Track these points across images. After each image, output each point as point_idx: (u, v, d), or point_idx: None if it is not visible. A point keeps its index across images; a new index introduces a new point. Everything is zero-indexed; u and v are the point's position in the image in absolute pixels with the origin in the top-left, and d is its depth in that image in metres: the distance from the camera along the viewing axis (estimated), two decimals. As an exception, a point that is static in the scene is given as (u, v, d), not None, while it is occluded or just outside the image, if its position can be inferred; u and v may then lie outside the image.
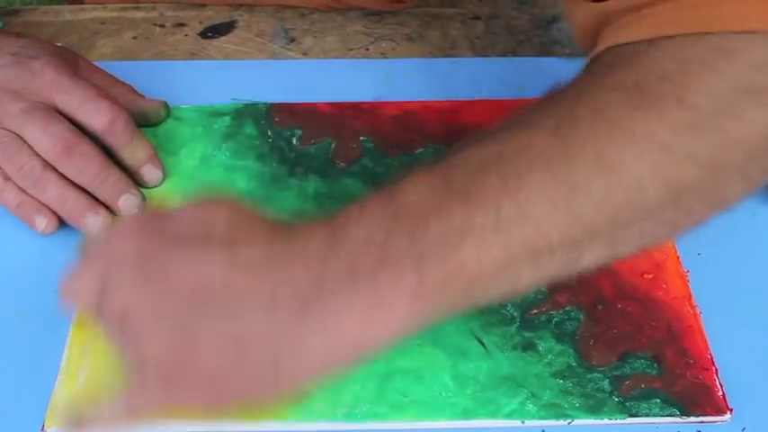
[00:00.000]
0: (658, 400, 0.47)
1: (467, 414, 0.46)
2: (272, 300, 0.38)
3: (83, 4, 0.74)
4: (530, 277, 0.40)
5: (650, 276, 0.52)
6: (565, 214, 0.38)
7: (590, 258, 0.40)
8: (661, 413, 0.46)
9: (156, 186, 0.57)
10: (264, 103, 0.63)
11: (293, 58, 0.69)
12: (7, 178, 0.54)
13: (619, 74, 0.40)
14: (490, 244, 0.38)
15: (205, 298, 0.38)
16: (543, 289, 0.51)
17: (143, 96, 0.62)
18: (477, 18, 0.72)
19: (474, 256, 0.38)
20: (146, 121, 0.61)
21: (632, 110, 0.38)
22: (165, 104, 0.62)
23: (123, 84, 0.61)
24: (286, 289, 0.38)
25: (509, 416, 0.46)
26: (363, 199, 0.40)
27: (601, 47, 0.43)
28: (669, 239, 0.51)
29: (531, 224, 0.38)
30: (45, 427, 0.46)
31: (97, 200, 0.55)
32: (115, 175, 0.55)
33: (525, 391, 0.47)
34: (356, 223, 0.39)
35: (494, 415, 0.46)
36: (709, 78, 0.38)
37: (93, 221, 0.54)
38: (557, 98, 0.41)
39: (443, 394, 0.47)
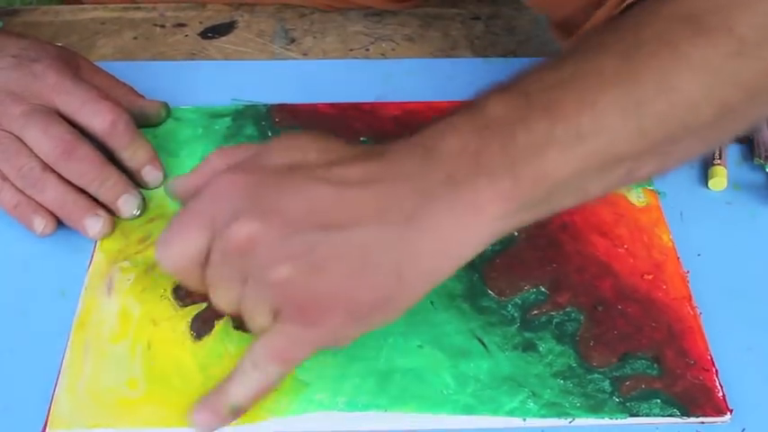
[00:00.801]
0: (659, 401, 0.47)
1: (468, 410, 0.46)
2: (382, 214, 0.41)
3: (82, 3, 0.74)
4: (597, 185, 0.44)
5: (650, 277, 0.52)
6: (633, 128, 0.42)
7: (645, 170, 0.45)
8: (661, 414, 0.46)
9: (156, 187, 0.57)
10: (265, 104, 0.63)
11: (293, 59, 0.69)
12: (5, 179, 0.54)
13: (674, 6, 0.45)
14: (570, 153, 0.42)
15: (322, 216, 0.41)
16: (543, 290, 0.51)
17: (143, 97, 0.62)
18: (477, 18, 0.73)
19: (556, 163, 0.42)
20: (146, 121, 0.61)
21: (690, 37, 0.43)
22: (166, 105, 0.62)
23: (124, 85, 0.61)
24: (392, 202, 0.41)
25: (510, 413, 0.46)
26: (448, 117, 0.43)
27: None
28: (702, 154, 0.55)
29: (605, 136, 0.42)
30: (48, 428, 0.46)
31: (97, 201, 0.55)
32: (114, 177, 0.55)
33: (526, 390, 0.47)
34: (449, 136, 0.42)
35: (495, 412, 0.46)
36: (753, 14, 0.43)
37: (93, 223, 0.54)
38: (619, 26, 0.46)
39: (444, 392, 0.47)
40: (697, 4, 0.44)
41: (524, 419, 0.46)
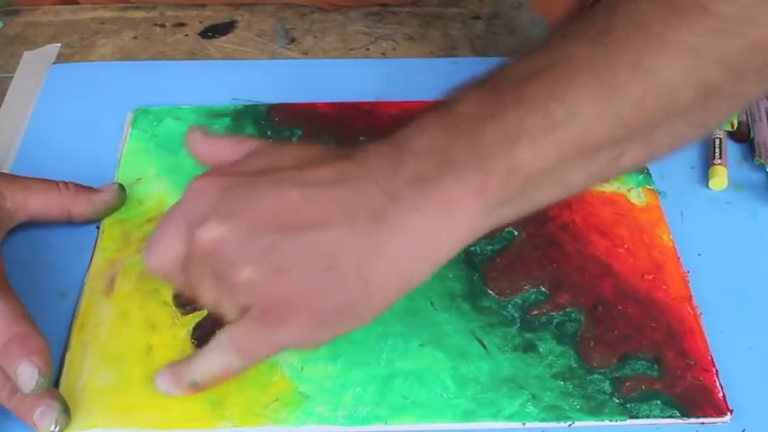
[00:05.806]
0: (659, 402, 0.47)
1: (468, 416, 0.46)
2: (350, 215, 0.40)
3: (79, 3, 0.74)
4: (579, 176, 0.43)
5: (650, 277, 0.52)
6: (607, 114, 0.41)
7: (629, 158, 0.43)
8: (661, 414, 0.46)
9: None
10: (265, 104, 0.63)
11: (293, 58, 0.69)
12: None
13: None
14: (542, 143, 0.41)
15: (288, 218, 0.41)
16: (544, 290, 0.51)
17: (91, 189, 0.55)
18: (477, 18, 0.73)
19: (528, 155, 0.41)
20: (105, 213, 0.55)
21: (663, 18, 0.42)
22: (119, 187, 0.56)
23: (65, 186, 0.54)
24: (360, 203, 0.40)
25: (510, 418, 0.46)
26: (418, 116, 0.42)
27: None
28: (697, 139, 0.53)
29: (578, 124, 0.41)
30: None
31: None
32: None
33: (526, 392, 0.47)
34: (417, 135, 0.42)
35: (494, 417, 0.46)
36: None
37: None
38: (592, 12, 0.44)
39: (444, 396, 0.47)
40: None
41: (524, 423, 0.46)
